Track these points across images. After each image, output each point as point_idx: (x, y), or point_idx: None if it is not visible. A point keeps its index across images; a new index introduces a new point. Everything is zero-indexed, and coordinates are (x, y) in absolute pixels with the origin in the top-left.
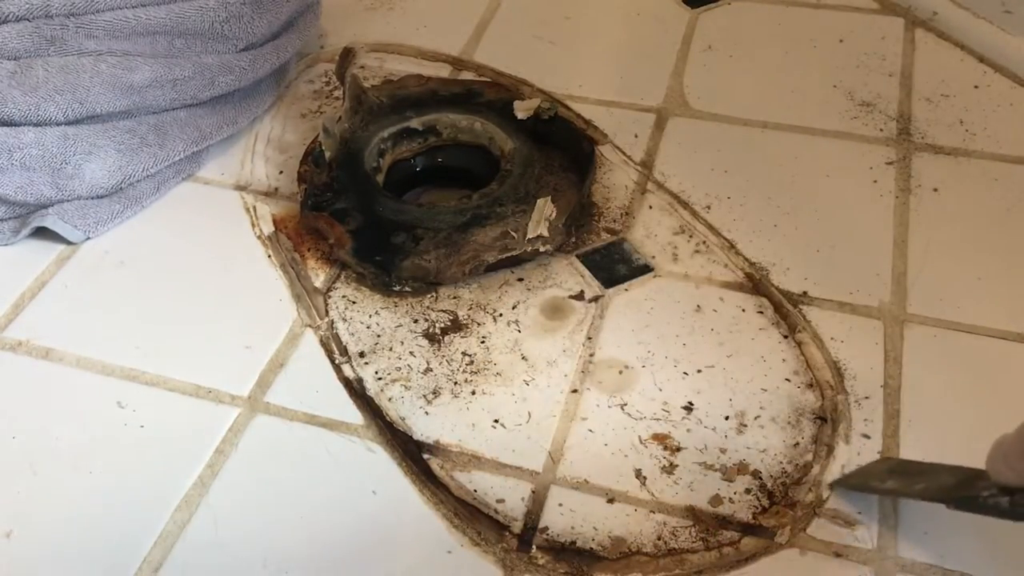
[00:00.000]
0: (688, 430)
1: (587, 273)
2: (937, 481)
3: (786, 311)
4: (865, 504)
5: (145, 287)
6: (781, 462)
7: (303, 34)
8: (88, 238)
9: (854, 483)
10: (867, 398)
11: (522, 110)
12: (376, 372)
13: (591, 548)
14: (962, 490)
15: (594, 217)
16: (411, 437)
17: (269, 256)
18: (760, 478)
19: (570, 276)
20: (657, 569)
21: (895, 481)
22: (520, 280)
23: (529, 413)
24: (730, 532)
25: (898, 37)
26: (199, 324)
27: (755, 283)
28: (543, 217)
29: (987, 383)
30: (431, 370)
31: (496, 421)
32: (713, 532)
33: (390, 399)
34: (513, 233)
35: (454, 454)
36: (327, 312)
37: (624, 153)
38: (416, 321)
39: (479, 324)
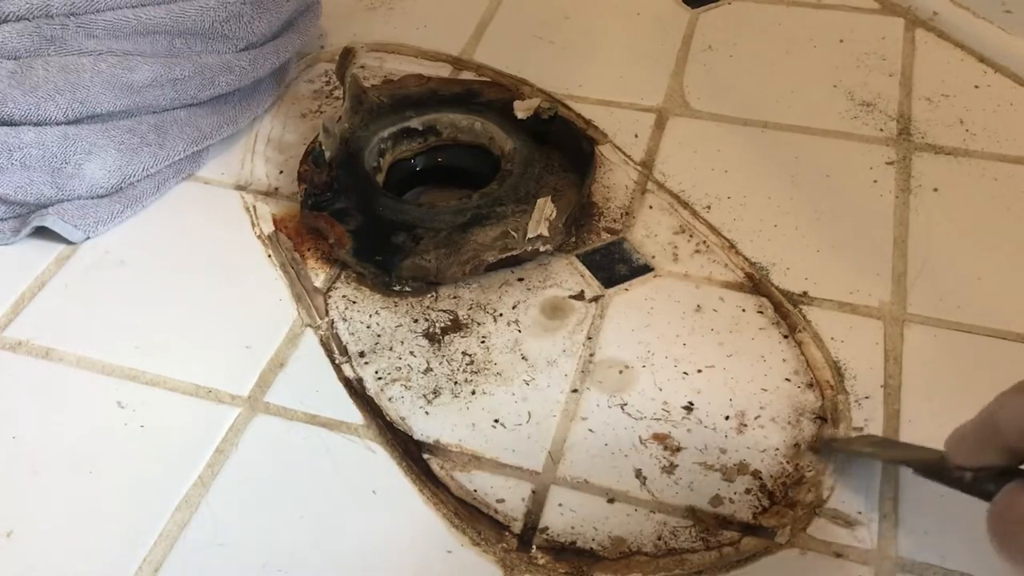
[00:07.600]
0: (688, 430)
1: (587, 273)
2: (914, 453)
3: (786, 311)
4: (865, 504)
5: (145, 287)
6: (781, 462)
7: (303, 34)
8: (88, 238)
9: (837, 446)
10: (867, 398)
11: (522, 110)
12: (376, 372)
13: (591, 548)
14: (932, 463)
15: (594, 217)
16: (411, 437)
17: (269, 256)
18: (760, 478)
19: (570, 276)
20: (657, 569)
21: (875, 449)
22: (520, 280)
23: (529, 413)
24: (730, 532)
25: (898, 37)
26: (199, 324)
27: (755, 283)
28: (543, 217)
29: (987, 383)
30: (431, 370)
31: (496, 421)
32: (713, 532)
33: (390, 399)
34: (513, 233)
35: (454, 454)
36: (327, 312)
37: (624, 153)
38: (416, 321)
39: (479, 324)
